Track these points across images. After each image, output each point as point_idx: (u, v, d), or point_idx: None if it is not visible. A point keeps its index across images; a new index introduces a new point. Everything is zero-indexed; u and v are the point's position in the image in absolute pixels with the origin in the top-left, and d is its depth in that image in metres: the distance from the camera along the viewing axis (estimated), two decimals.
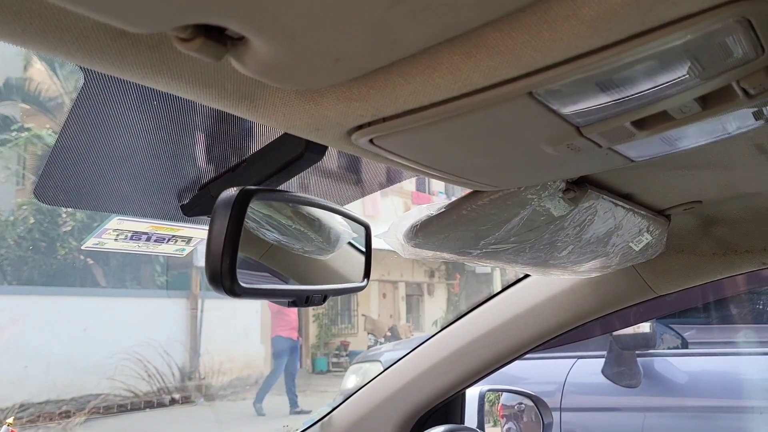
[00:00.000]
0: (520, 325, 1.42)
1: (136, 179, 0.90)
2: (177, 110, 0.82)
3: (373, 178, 1.15)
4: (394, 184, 1.25)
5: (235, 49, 0.43)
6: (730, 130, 0.62)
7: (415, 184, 14.11)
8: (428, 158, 0.63)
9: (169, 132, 0.86)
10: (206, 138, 0.87)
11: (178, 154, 0.88)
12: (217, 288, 0.60)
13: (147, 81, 0.50)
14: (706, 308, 3.65)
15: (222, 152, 0.85)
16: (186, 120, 0.85)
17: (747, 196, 1.03)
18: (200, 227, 0.95)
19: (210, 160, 0.86)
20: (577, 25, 0.40)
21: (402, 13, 0.38)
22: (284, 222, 0.90)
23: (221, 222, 0.62)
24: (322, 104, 0.52)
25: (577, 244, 0.98)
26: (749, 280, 3.17)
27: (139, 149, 0.89)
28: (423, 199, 13.83)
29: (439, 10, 0.39)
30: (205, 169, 0.87)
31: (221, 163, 0.85)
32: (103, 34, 0.42)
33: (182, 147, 0.87)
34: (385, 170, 1.17)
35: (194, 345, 10.94)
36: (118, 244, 0.91)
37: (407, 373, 1.54)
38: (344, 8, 0.37)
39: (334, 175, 1.09)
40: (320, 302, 0.79)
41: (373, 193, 1.25)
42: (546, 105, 0.50)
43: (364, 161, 1.10)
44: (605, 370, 3.35)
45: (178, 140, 0.87)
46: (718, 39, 0.43)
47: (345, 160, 1.08)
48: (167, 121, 0.83)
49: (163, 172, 0.88)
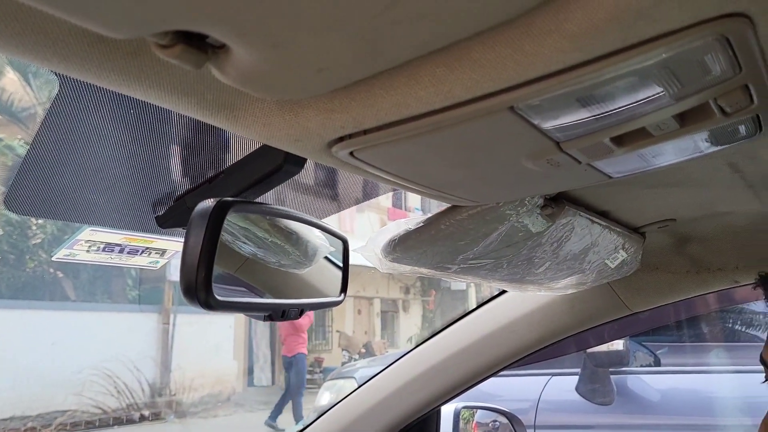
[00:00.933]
0: (495, 342, 1.42)
1: (109, 189, 0.89)
2: (153, 120, 0.81)
3: (350, 193, 1.15)
4: (371, 199, 1.25)
5: (216, 57, 0.42)
6: (705, 149, 0.63)
7: (392, 199, 14.14)
8: (408, 171, 0.62)
9: (144, 142, 0.85)
10: (182, 149, 0.86)
11: (153, 164, 0.86)
12: (192, 301, 0.59)
13: (124, 89, 0.49)
14: (679, 326, 3.69)
15: (198, 163, 0.84)
16: (162, 130, 0.83)
17: (720, 214, 1.04)
18: (175, 239, 0.93)
19: (186, 171, 0.85)
20: (559, 40, 0.40)
21: (388, 24, 0.38)
22: (261, 235, 0.89)
23: (197, 234, 0.61)
24: (302, 115, 0.51)
25: (554, 260, 0.98)
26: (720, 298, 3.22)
27: (114, 159, 0.87)
28: (399, 215, 13.84)
29: (425, 22, 0.38)
30: (180, 181, 0.85)
31: (198, 175, 0.84)
32: (81, 40, 0.41)
33: (158, 158, 0.85)
34: (361, 185, 1.17)
35: (165, 360, 10.76)
36: (91, 256, 0.89)
37: (382, 390, 1.53)
38: (331, 16, 0.37)
39: (311, 189, 1.08)
40: (296, 316, 0.78)
41: (349, 209, 1.24)
42: (527, 120, 0.50)
43: (340, 175, 1.09)
44: (579, 387, 3.36)
45: (154, 151, 0.85)
46: (697, 57, 0.43)
47: (322, 175, 1.08)
48: (143, 132, 0.82)
49: (138, 183, 0.87)
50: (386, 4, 0.36)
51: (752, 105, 0.52)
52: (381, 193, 1.27)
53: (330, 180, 1.10)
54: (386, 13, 0.37)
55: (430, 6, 0.37)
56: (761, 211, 1.00)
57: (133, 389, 9.88)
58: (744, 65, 0.45)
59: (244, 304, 0.69)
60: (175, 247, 0.95)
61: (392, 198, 14.08)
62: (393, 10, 0.37)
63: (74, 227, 0.91)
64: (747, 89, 0.49)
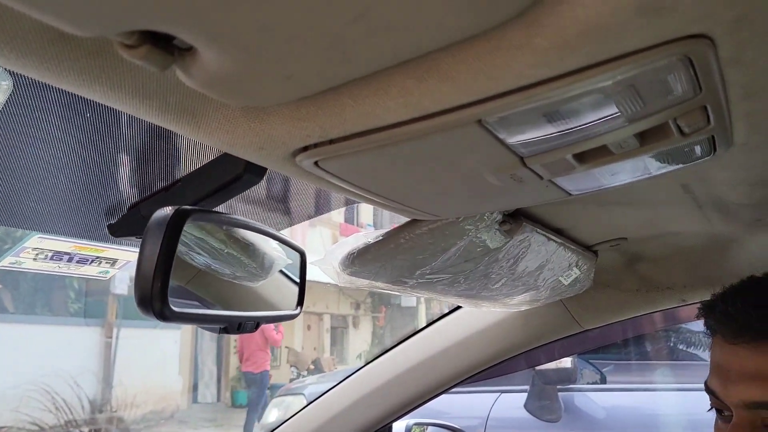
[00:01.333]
0: (449, 358, 1.42)
1: (58, 195, 0.85)
2: (105, 126, 0.79)
3: (302, 207, 1.14)
4: (323, 213, 1.24)
5: (183, 60, 0.41)
6: (661, 169, 0.64)
7: (344, 215, 14.11)
8: (372, 183, 0.62)
9: (96, 148, 0.82)
10: (137, 156, 0.83)
11: (105, 171, 0.84)
12: (147, 311, 0.57)
13: (84, 90, 0.48)
14: (624, 345, 3.78)
15: (154, 171, 0.82)
16: (115, 136, 0.81)
17: (670, 234, 1.07)
18: (127, 248, 0.90)
19: (141, 178, 0.82)
20: (529, 55, 0.41)
21: (360, 32, 0.38)
22: (216, 246, 0.87)
23: (154, 242, 0.59)
24: (267, 123, 0.51)
25: (510, 276, 0.99)
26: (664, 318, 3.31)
27: (65, 164, 0.84)
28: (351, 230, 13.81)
29: (397, 32, 0.38)
30: (135, 188, 0.83)
31: (153, 183, 0.82)
32: (41, 36, 0.40)
33: (111, 164, 0.83)
34: (313, 200, 1.16)
35: (107, 376, 10.42)
36: (38, 264, 0.86)
37: (334, 406, 1.51)
38: (302, 23, 0.36)
39: (263, 203, 1.07)
40: (252, 329, 0.76)
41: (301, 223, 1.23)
42: (494, 134, 0.50)
43: (292, 189, 1.08)
44: (528, 404, 3.40)
45: (107, 157, 0.83)
46: (661, 76, 0.44)
47: (274, 188, 1.07)
48: (94, 137, 0.80)
49: (90, 190, 0.84)
50: (358, 14, 0.36)
51: (709, 126, 0.53)
52: (333, 207, 1.27)
53: (282, 194, 1.08)
54: (358, 22, 0.37)
55: (402, 17, 0.37)
56: (709, 231, 1.04)
57: (72, 405, 9.51)
58: (704, 86, 0.46)
59: (200, 316, 0.68)
60: (127, 257, 0.92)
61: (344, 213, 14.05)
62: (364, 20, 0.37)
63: (23, 233, 0.88)
64: (705, 110, 0.51)
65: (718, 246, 1.11)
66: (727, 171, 0.72)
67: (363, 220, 14.56)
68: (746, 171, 0.72)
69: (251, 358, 9.38)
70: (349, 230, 13.78)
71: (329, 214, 13.52)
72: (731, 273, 1.20)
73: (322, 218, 12.50)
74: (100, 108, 0.77)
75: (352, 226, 14.29)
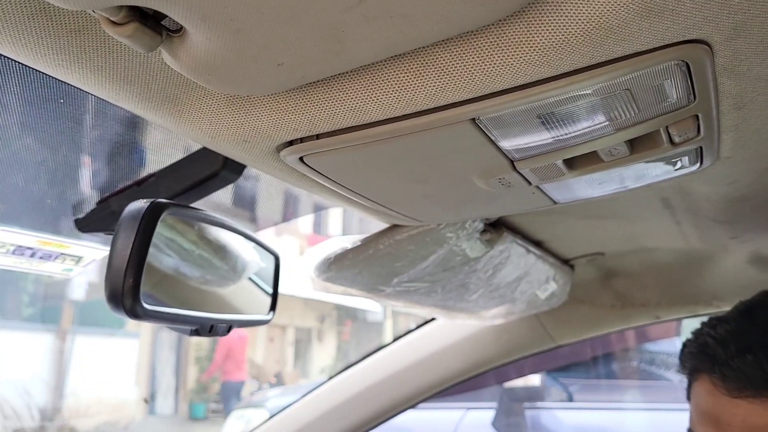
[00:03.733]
0: (420, 371, 1.40)
1: (23, 187, 0.81)
2: (76, 116, 0.76)
3: (269, 214, 1.12)
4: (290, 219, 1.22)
5: (170, 42, 0.39)
6: (648, 179, 0.64)
7: (312, 226, 14.04)
8: (357, 182, 0.60)
9: (65, 140, 0.78)
10: (109, 149, 0.80)
11: (74, 163, 0.80)
12: (117, 308, 0.54)
13: (61, 71, 0.45)
14: (592, 363, 3.81)
15: (126, 165, 0.79)
16: (86, 128, 0.78)
17: (646, 250, 1.07)
18: (94, 245, 0.86)
19: (112, 172, 0.79)
20: (528, 53, 0.40)
21: (357, 20, 0.36)
22: (187, 247, 0.84)
23: (127, 236, 0.56)
24: (253, 114, 0.48)
25: (488, 288, 0.98)
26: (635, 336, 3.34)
27: (30, 156, 0.80)
28: (319, 241, 13.72)
29: (395, 22, 0.37)
30: (104, 182, 0.80)
31: (125, 177, 0.78)
32: (21, 9, 0.37)
33: (80, 156, 0.79)
34: (281, 206, 1.14)
35: (60, 384, 10.12)
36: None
37: (297, 421, 1.48)
38: (298, 6, 0.35)
39: (228, 208, 1.04)
40: (224, 333, 0.73)
41: (267, 234, 1.21)
42: (486, 134, 0.49)
43: (260, 194, 1.06)
44: (495, 422, 3.39)
45: (76, 149, 0.79)
46: (658, 81, 0.44)
47: (241, 193, 1.04)
48: (64, 128, 0.76)
49: (57, 182, 0.80)
50: (356, 0, 0.35)
51: (698, 136, 0.53)
52: (301, 214, 1.24)
53: (249, 199, 1.06)
54: (355, 9, 0.35)
55: (401, 6, 0.35)
56: (685, 248, 1.04)
57: (21, 414, 9.21)
58: (698, 94, 0.46)
59: (172, 316, 0.64)
60: (94, 255, 0.88)
61: (312, 224, 13.99)
62: (362, 7, 0.35)
63: None
64: (696, 120, 0.51)
65: (693, 263, 1.12)
66: (710, 185, 0.72)
67: (331, 231, 14.51)
68: (727, 186, 0.72)
69: (230, 367, 9.19)
70: (316, 241, 13.70)
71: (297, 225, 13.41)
72: (705, 291, 1.21)
73: (289, 228, 12.40)
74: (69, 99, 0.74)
75: (320, 236, 14.22)
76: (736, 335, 0.77)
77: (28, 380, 9.24)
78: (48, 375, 9.94)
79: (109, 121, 0.76)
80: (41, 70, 0.45)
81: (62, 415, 9.86)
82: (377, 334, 15.77)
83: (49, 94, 0.71)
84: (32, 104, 0.71)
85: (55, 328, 10.30)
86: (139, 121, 0.75)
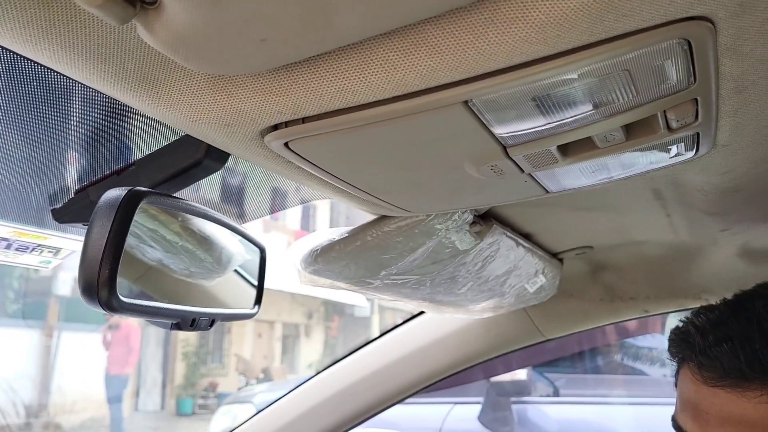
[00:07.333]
0: (408, 366, 1.39)
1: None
2: (52, 100, 0.73)
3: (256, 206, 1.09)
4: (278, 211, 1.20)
5: (145, 14, 0.37)
6: (638, 168, 0.63)
7: (299, 222, 14.00)
8: (345, 169, 0.58)
9: (41, 126, 0.76)
10: (88, 136, 0.77)
11: (52, 151, 0.77)
12: (92, 301, 0.52)
13: (29, 47, 0.43)
14: (577, 358, 3.83)
15: (105, 153, 0.76)
16: (61, 113, 0.75)
17: (635, 243, 1.06)
18: (72, 237, 0.84)
19: (91, 160, 0.77)
20: (525, 29, 0.38)
21: None
22: (170, 238, 0.82)
23: (103, 224, 0.54)
24: (236, 95, 0.46)
25: (477, 281, 0.97)
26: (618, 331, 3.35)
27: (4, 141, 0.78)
28: None
29: None
30: (83, 171, 0.77)
31: (104, 166, 0.76)
32: None
33: (58, 144, 0.77)
34: (269, 198, 1.12)
35: (45, 381, 10.03)
36: None
37: (283, 416, 1.46)
38: None
39: (214, 201, 1.01)
40: (207, 327, 0.71)
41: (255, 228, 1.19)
42: (479, 118, 0.47)
43: (247, 186, 1.04)
44: (482, 416, 3.39)
45: (54, 136, 0.77)
46: (658, 61, 0.42)
47: (228, 184, 1.02)
48: (40, 112, 0.73)
49: (33, 170, 0.78)
50: None
51: (696, 122, 0.52)
52: (289, 205, 1.22)
53: (236, 191, 1.04)
54: None
55: None
56: (674, 241, 1.03)
57: (6, 411, 9.12)
58: (698, 76, 0.45)
59: (151, 309, 0.62)
60: (72, 247, 0.85)
61: (300, 220, 13.94)
62: None
63: None
64: (695, 104, 0.49)
65: (682, 257, 1.11)
66: (703, 175, 0.71)
67: (319, 227, 14.47)
68: (721, 176, 0.71)
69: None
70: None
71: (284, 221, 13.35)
72: (695, 285, 1.20)
73: (276, 224, 12.36)
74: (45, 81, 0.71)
75: (307, 232, 14.17)
76: (717, 324, 0.76)
77: (14, 377, 9.15)
78: (33, 372, 9.85)
79: (90, 106, 0.74)
80: (7, 47, 0.42)
81: (47, 412, 9.78)
82: (365, 330, 15.77)
83: (23, 77, 0.68)
84: (2, 87, 0.68)
85: (41, 324, 10.20)
86: (122, 106, 0.72)
